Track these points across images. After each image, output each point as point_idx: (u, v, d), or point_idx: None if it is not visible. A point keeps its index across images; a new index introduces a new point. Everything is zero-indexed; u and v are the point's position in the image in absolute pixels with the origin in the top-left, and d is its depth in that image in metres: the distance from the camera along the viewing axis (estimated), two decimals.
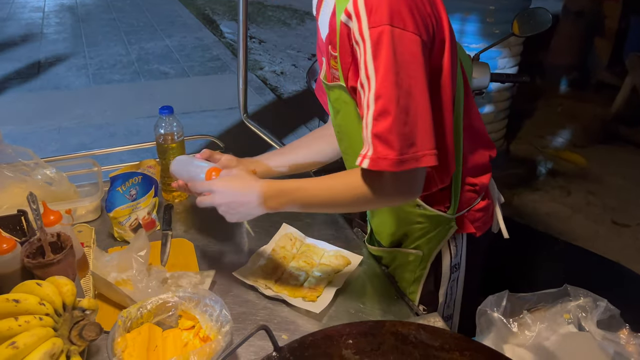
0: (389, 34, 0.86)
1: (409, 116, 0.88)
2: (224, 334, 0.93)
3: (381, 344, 0.86)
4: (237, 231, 1.40)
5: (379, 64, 0.87)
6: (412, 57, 0.88)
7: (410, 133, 0.89)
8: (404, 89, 0.88)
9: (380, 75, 0.87)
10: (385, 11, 0.86)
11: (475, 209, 1.18)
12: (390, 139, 0.88)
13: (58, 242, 1.07)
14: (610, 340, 1.01)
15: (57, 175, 1.34)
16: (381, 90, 0.88)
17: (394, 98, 0.87)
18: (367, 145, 0.92)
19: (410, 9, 0.87)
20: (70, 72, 5.51)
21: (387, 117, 0.88)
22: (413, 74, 0.88)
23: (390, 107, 0.87)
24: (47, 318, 0.86)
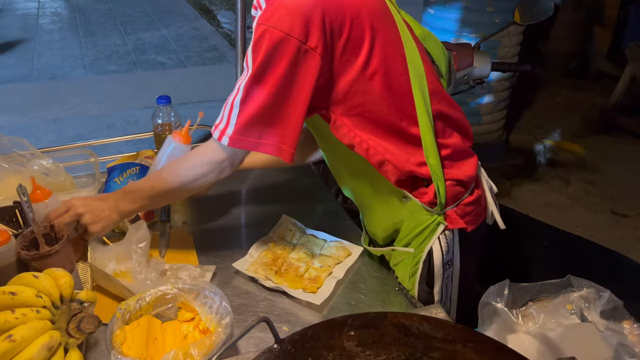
0: (270, 34, 0.93)
1: (271, 111, 0.98)
2: (224, 326, 0.92)
3: (383, 336, 0.85)
4: (236, 222, 1.39)
5: (255, 58, 0.95)
6: (292, 61, 0.94)
7: (268, 125, 0.99)
8: (274, 87, 0.96)
9: (253, 69, 0.95)
10: (277, 14, 0.93)
11: (465, 202, 1.15)
12: (252, 130, 0.99)
13: (52, 233, 1.05)
14: (613, 330, 1.00)
15: (54, 165, 1.32)
16: (253, 83, 0.96)
17: (261, 94, 0.96)
18: (228, 124, 1.01)
19: (303, 17, 0.93)
20: (67, 62, 5.46)
21: (251, 106, 0.98)
22: (286, 75, 0.95)
23: (257, 101, 0.97)
24: (44, 310, 0.85)
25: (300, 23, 0.92)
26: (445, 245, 1.14)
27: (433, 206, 1.11)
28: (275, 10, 0.93)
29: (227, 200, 1.47)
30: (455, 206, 1.14)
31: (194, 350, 0.87)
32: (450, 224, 1.13)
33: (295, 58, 0.94)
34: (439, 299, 1.17)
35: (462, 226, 1.14)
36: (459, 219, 1.14)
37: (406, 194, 1.11)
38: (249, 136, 0.99)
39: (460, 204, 1.15)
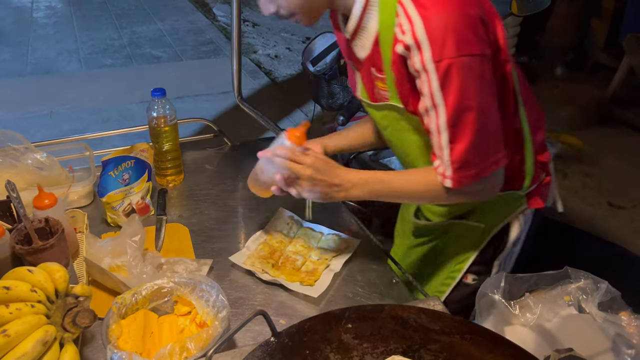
0: (457, 65, 0.89)
1: (481, 134, 0.95)
2: (221, 320, 0.91)
3: (381, 328, 0.85)
4: (233, 216, 1.38)
5: (447, 94, 0.91)
6: (480, 79, 0.92)
7: (484, 147, 0.97)
8: (474, 111, 0.93)
9: (450, 104, 0.92)
10: (451, 42, 0.88)
11: (543, 184, 1.21)
12: (468, 159, 0.96)
13: (47, 227, 1.04)
14: (611, 322, 1.00)
15: (48, 159, 1.31)
16: (453, 118, 0.93)
17: (467, 123, 0.93)
18: (444, 166, 0.98)
19: (472, 30, 0.90)
20: (62, 56, 5.43)
21: (461, 141, 0.94)
22: (481, 93, 0.93)
23: (464, 132, 0.94)
24: (39, 305, 0.84)
25: (473, 39, 0.90)
26: (523, 222, 1.21)
27: (517, 188, 1.16)
28: (445, 41, 0.88)
29: (224, 194, 1.46)
30: (535, 187, 1.19)
31: (190, 344, 0.86)
32: (531, 204, 1.19)
33: (482, 72, 0.93)
34: (496, 270, 1.24)
35: (541, 206, 1.21)
36: (539, 199, 1.20)
37: None
38: (469, 169, 0.97)
39: (539, 185, 1.20)
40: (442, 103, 0.92)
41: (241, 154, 1.66)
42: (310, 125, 1.13)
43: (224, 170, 1.58)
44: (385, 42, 0.98)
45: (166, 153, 1.41)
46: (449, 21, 0.88)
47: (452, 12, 0.88)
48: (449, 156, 0.96)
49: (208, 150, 1.67)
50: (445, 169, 0.98)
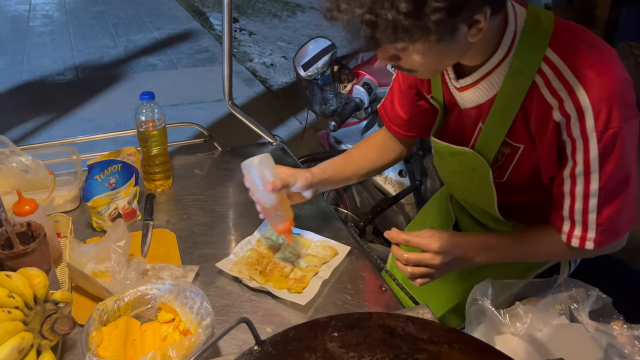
0: (622, 134, 0.88)
1: (631, 197, 0.96)
2: (205, 327, 0.89)
3: (367, 337, 0.82)
4: (220, 222, 1.36)
5: (607, 161, 0.90)
6: (635, 144, 0.93)
7: (631, 209, 0.97)
8: (631, 178, 0.94)
9: (607, 172, 0.91)
10: (617, 112, 0.87)
11: None
12: (616, 222, 0.96)
13: (29, 231, 1.02)
14: (602, 331, 0.98)
15: (34, 162, 1.28)
16: (608, 184, 0.92)
17: (621, 188, 0.94)
18: (585, 229, 0.97)
19: (630, 93, 0.89)
20: (57, 64, 5.41)
21: (612, 206, 0.94)
22: (635, 158, 0.93)
23: (616, 197, 0.94)
24: (16, 311, 0.82)
25: (632, 103, 0.90)
26: (574, 264, 1.24)
27: None
28: (611, 109, 0.87)
29: (213, 199, 1.44)
30: None
31: (172, 351, 0.84)
32: None
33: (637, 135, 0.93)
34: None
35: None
36: None
37: None
38: (614, 231, 0.98)
39: None
40: (598, 170, 0.91)
41: (231, 159, 1.64)
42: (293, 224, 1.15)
43: (214, 176, 1.56)
44: (508, 100, 0.96)
45: (154, 157, 1.39)
46: (613, 88, 0.87)
47: (614, 78, 0.87)
48: (595, 220, 0.96)
49: (198, 155, 1.66)
50: (588, 232, 0.97)
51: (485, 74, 0.97)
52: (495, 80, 0.97)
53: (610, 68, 0.87)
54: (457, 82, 1.03)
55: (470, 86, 1.01)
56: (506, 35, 0.92)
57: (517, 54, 0.93)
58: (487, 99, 1.00)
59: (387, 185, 2.12)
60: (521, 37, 0.92)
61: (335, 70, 1.89)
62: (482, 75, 0.98)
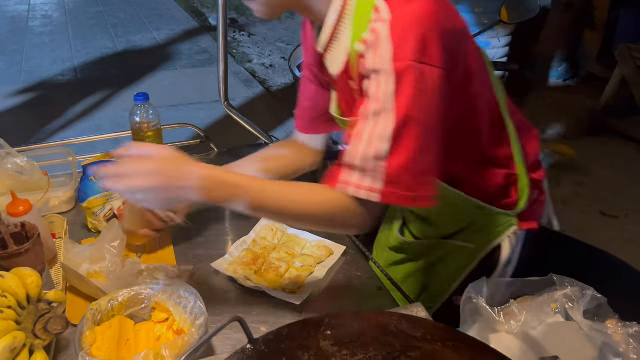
0: (414, 70, 0.81)
1: (422, 154, 0.86)
2: (198, 327, 0.89)
3: (361, 335, 0.82)
4: (216, 222, 1.36)
5: (400, 100, 0.82)
6: (434, 94, 0.84)
7: (421, 169, 0.87)
8: (422, 127, 0.84)
9: (400, 112, 0.83)
10: (412, 45, 0.81)
11: (536, 203, 1.19)
12: (403, 177, 0.86)
13: (23, 232, 1.02)
14: (597, 330, 0.98)
15: (29, 164, 1.29)
16: (400, 128, 0.83)
17: (412, 137, 0.84)
18: (371, 179, 0.86)
19: (437, 40, 0.83)
20: (56, 65, 5.42)
21: (401, 156, 0.84)
22: (433, 111, 0.85)
23: (406, 146, 0.84)
24: (8, 311, 0.81)
25: (437, 50, 0.84)
26: (515, 243, 1.16)
27: (510, 209, 1.12)
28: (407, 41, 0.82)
29: None
30: (527, 207, 1.15)
31: (165, 351, 0.84)
32: (522, 224, 1.15)
33: (438, 88, 0.85)
34: None
35: (534, 227, 1.17)
36: (531, 219, 1.17)
37: (481, 204, 1.11)
38: (401, 188, 0.87)
39: (533, 204, 1.17)
40: (392, 110, 0.83)
41: (227, 160, 1.63)
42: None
43: None
44: (353, 43, 0.90)
45: None
46: (416, 24, 0.82)
47: (423, 17, 0.83)
48: (384, 169, 0.85)
49: (194, 156, 1.64)
50: (374, 182, 0.86)
51: (333, 29, 0.94)
52: (342, 38, 0.93)
53: (425, 9, 0.83)
54: (320, 46, 0.99)
55: (327, 48, 0.98)
56: None
57: (357, 5, 0.89)
58: (344, 63, 0.96)
59: None
60: None
61: None
62: (331, 29, 0.94)
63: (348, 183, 0.88)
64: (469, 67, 0.95)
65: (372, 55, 0.84)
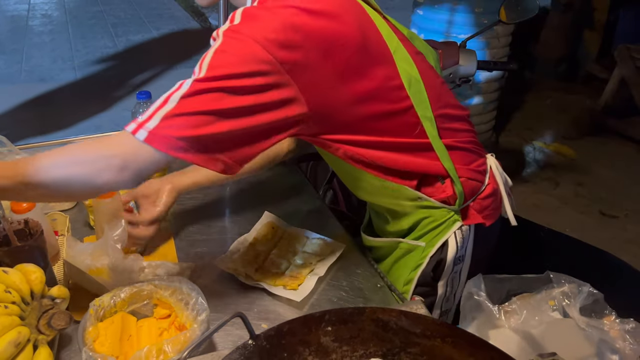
0: (244, 42, 0.83)
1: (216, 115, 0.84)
2: (200, 323, 0.90)
3: (361, 331, 0.83)
4: (217, 219, 1.37)
5: (216, 58, 0.84)
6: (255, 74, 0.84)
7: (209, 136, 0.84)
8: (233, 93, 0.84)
9: (212, 69, 0.83)
10: (255, 26, 0.84)
11: (482, 197, 1.15)
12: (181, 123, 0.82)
13: (26, 229, 1.03)
14: (594, 326, 0.99)
15: None
16: (206, 82, 0.84)
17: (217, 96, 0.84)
18: (154, 117, 0.82)
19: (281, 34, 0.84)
20: (56, 64, 5.42)
21: (196, 103, 0.83)
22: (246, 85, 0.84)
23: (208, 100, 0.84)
24: (12, 306, 0.82)
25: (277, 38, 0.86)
26: (461, 240, 1.13)
27: (451, 203, 1.11)
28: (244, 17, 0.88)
29: (209, 198, 1.45)
30: (472, 201, 1.13)
31: (167, 346, 0.85)
32: (467, 220, 1.13)
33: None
34: (443, 292, 1.17)
35: (480, 221, 1.14)
36: (476, 214, 1.14)
37: (421, 195, 1.10)
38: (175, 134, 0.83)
39: (477, 199, 1.14)
40: (207, 66, 0.84)
41: None
42: None
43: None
44: None
45: None
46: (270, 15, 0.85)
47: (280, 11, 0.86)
48: (170, 109, 0.82)
49: None
50: (152, 121, 0.82)
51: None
52: None
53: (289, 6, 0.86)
54: None
55: None
56: None
57: None
58: None
59: None
60: None
61: None
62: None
63: (134, 121, 0.85)
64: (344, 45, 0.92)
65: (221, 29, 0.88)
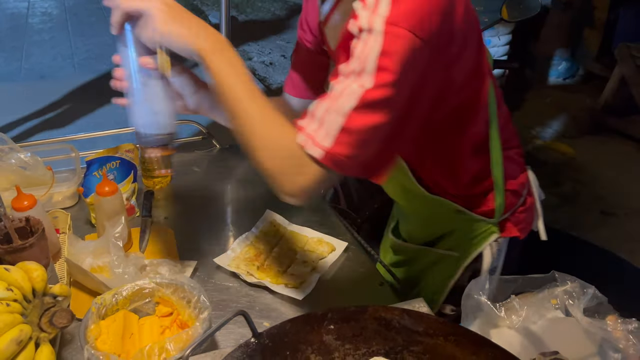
0: (406, 39, 0.76)
1: (385, 126, 0.80)
2: (202, 321, 0.90)
3: (363, 329, 0.83)
4: (219, 218, 1.37)
5: (383, 64, 0.76)
6: (418, 71, 0.80)
7: (384, 143, 0.83)
8: (396, 99, 0.79)
9: (379, 77, 0.77)
10: (413, 15, 0.76)
11: (520, 210, 1.16)
12: (360, 148, 0.80)
13: (27, 226, 1.03)
14: (597, 326, 0.99)
15: (32, 159, 1.29)
16: (373, 92, 0.77)
17: (381, 104, 0.78)
18: (324, 132, 0.79)
19: (438, 22, 0.78)
20: (56, 61, 5.41)
21: (364, 118, 0.78)
22: (410, 87, 0.81)
23: (375, 114, 0.78)
24: (14, 304, 0.82)
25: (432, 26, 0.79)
26: (496, 251, 1.14)
27: (489, 216, 1.11)
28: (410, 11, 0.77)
29: (210, 196, 1.45)
30: (510, 215, 1.14)
31: (169, 344, 0.85)
32: (503, 232, 1.13)
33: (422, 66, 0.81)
34: None
35: (516, 234, 1.15)
36: (512, 227, 1.15)
37: (460, 208, 1.10)
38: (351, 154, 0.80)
39: (515, 212, 1.15)
40: (373, 71, 0.76)
41: (230, 156, 1.65)
42: None
43: (212, 173, 1.57)
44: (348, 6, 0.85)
45: None
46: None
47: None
48: (340, 125, 0.78)
49: (196, 152, 1.66)
50: (325, 137, 0.79)
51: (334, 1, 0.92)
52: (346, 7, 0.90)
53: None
54: (321, 15, 0.97)
55: (327, 18, 0.96)
56: None
57: None
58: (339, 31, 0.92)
59: None
60: None
61: None
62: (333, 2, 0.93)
63: (302, 129, 0.81)
64: (470, 63, 0.93)
65: (366, 14, 0.78)
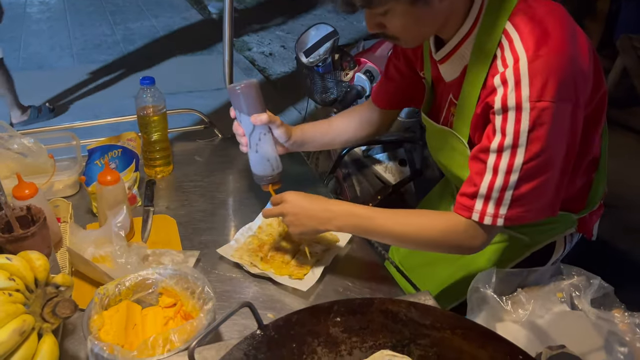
0: (554, 111, 0.85)
1: (547, 184, 0.92)
2: (206, 312, 0.89)
3: (370, 322, 0.82)
4: (222, 208, 1.36)
5: (535, 137, 0.87)
6: (566, 130, 0.89)
7: (546, 197, 0.94)
8: (550, 162, 0.90)
9: (532, 149, 0.88)
10: (553, 85, 0.84)
11: (596, 211, 1.20)
12: (528, 200, 0.92)
13: (29, 215, 1.01)
14: (603, 319, 0.98)
15: (35, 145, 1.27)
16: (530, 161, 0.88)
17: (541, 171, 0.90)
18: (498, 205, 0.92)
19: (574, 77, 0.86)
20: (54, 51, 5.38)
21: (529, 184, 0.90)
22: (562, 145, 0.90)
23: (535, 178, 0.90)
24: (17, 294, 0.81)
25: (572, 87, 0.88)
26: (569, 245, 1.21)
27: (575, 211, 1.14)
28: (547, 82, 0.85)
29: (213, 186, 1.44)
30: (587, 213, 1.17)
31: (174, 335, 0.84)
32: (579, 228, 1.18)
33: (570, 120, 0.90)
34: None
35: (589, 234, 1.21)
36: (586, 225, 1.19)
37: None
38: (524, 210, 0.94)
39: (593, 212, 1.18)
40: (525, 144, 0.88)
41: (231, 146, 1.64)
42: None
43: (214, 162, 1.55)
44: (474, 73, 0.95)
45: (155, 143, 1.38)
46: (555, 62, 0.85)
47: (559, 52, 0.85)
48: (511, 196, 0.91)
49: (198, 141, 1.65)
50: (500, 208, 0.93)
51: (454, 47, 0.98)
52: (464, 53, 0.97)
53: (558, 43, 0.85)
54: (436, 55, 1.04)
55: (445, 59, 1.02)
56: (473, 7, 0.93)
57: (482, 28, 0.93)
58: (459, 74, 1.01)
59: (387, 175, 2.12)
60: (487, 9, 0.92)
61: (337, 58, 1.88)
62: (452, 47, 0.98)
63: (471, 209, 0.95)
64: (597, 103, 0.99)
65: (510, 92, 0.87)
